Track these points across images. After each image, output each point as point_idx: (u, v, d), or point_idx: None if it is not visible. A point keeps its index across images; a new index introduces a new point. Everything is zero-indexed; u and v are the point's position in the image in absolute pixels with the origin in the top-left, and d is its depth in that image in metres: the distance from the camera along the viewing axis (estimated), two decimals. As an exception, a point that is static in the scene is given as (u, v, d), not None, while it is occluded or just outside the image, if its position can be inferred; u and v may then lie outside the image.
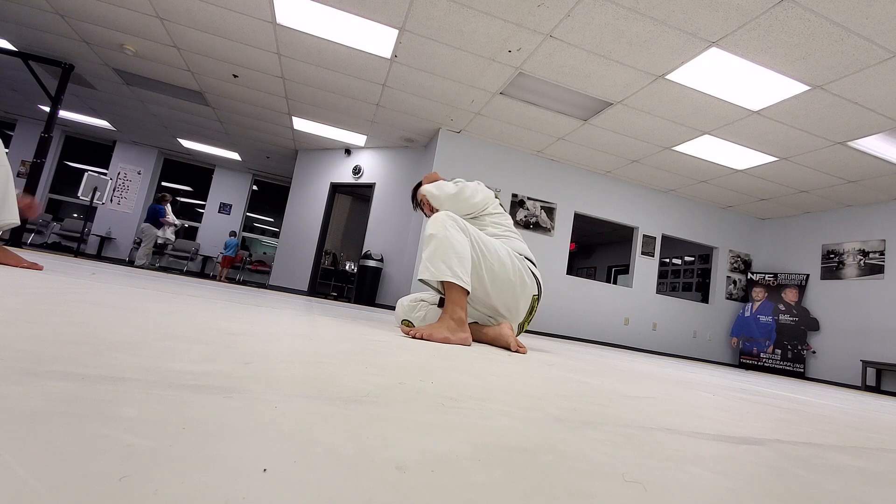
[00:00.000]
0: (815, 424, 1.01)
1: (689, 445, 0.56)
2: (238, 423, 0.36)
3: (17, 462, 0.23)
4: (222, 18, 4.35)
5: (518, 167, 6.35)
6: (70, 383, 0.39)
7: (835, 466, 0.58)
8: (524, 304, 1.92)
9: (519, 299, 1.89)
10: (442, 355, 1.16)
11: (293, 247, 7.74)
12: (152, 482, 0.24)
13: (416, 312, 1.99)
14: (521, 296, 1.89)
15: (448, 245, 1.69)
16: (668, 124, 4.93)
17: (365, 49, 4.47)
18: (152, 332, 0.76)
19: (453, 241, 1.70)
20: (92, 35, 5.13)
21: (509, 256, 1.87)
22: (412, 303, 2.04)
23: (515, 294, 1.88)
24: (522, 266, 1.89)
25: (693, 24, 3.34)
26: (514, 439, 0.45)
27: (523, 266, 1.89)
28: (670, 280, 10.26)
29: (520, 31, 3.79)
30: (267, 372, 0.58)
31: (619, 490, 0.35)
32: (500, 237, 1.99)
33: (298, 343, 0.94)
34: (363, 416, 0.45)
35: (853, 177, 5.42)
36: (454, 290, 1.68)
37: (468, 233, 1.78)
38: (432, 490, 0.29)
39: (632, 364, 2.37)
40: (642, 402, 0.90)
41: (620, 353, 3.84)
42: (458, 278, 1.66)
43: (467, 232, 1.78)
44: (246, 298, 2.52)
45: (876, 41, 3.22)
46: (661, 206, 6.99)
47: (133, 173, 10.07)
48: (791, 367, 6.41)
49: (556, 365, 1.48)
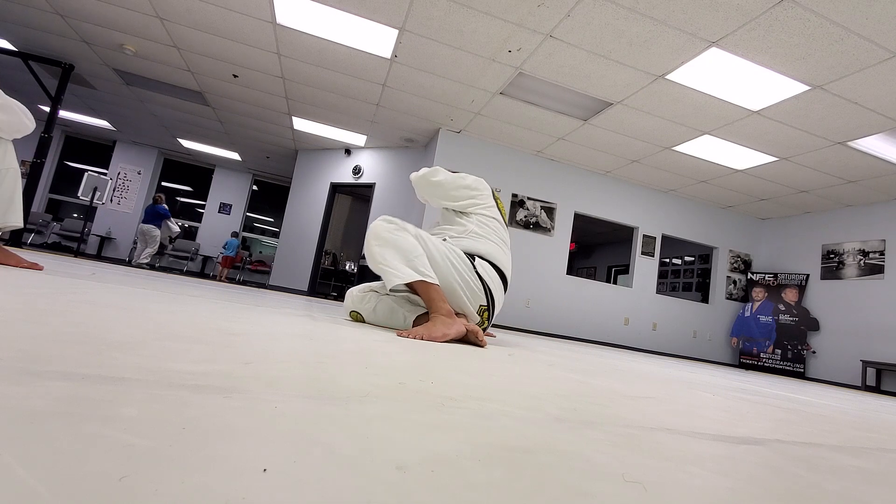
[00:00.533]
0: (815, 424, 1.01)
1: (689, 445, 0.56)
2: (238, 423, 0.36)
3: (17, 462, 0.23)
4: (222, 18, 4.35)
5: (518, 167, 6.35)
6: (70, 383, 0.39)
7: (835, 466, 0.58)
8: (470, 311, 1.86)
9: (465, 305, 1.84)
10: (442, 355, 1.16)
11: (293, 247, 7.75)
12: (152, 482, 0.24)
13: (366, 304, 1.92)
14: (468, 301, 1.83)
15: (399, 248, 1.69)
16: (668, 124, 4.93)
17: (365, 49, 4.47)
18: (152, 332, 0.76)
19: (400, 243, 1.70)
20: (92, 35, 5.13)
21: (455, 257, 1.83)
22: (361, 293, 1.97)
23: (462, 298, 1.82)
24: (468, 271, 1.83)
25: (693, 24, 3.34)
26: (514, 439, 0.45)
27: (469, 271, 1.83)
28: (670, 280, 10.26)
29: (520, 31, 3.79)
30: (267, 372, 0.58)
31: (619, 490, 0.35)
32: (480, 237, 1.95)
33: (298, 343, 0.94)
34: (363, 416, 0.45)
35: (853, 177, 5.42)
36: (427, 287, 1.67)
37: (410, 231, 1.76)
38: (432, 490, 0.29)
39: (632, 364, 2.37)
40: (642, 402, 0.90)
41: (620, 353, 3.84)
42: (422, 275, 1.65)
43: (408, 230, 1.76)
44: (246, 298, 2.52)
45: (876, 41, 3.22)
46: (661, 206, 6.99)
47: (133, 173, 10.07)
48: (791, 367, 6.42)
49: (556, 365, 1.48)
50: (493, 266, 1.91)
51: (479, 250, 1.91)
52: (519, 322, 6.13)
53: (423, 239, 1.77)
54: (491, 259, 1.91)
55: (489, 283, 1.87)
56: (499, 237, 2.02)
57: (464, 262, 1.83)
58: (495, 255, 1.94)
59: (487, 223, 2.02)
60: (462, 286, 1.81)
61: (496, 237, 2.00)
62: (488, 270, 1.88)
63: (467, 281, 1.82)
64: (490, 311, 1.91)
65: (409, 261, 1.67)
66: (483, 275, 1.85)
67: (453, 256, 1.82)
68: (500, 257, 1.96)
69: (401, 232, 1.73)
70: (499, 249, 1.97)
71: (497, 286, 1.91)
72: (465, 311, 1.86)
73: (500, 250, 1.98)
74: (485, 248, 1.92)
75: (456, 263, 1.81)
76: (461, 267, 1.81)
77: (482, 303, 1.87)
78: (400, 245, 1.69)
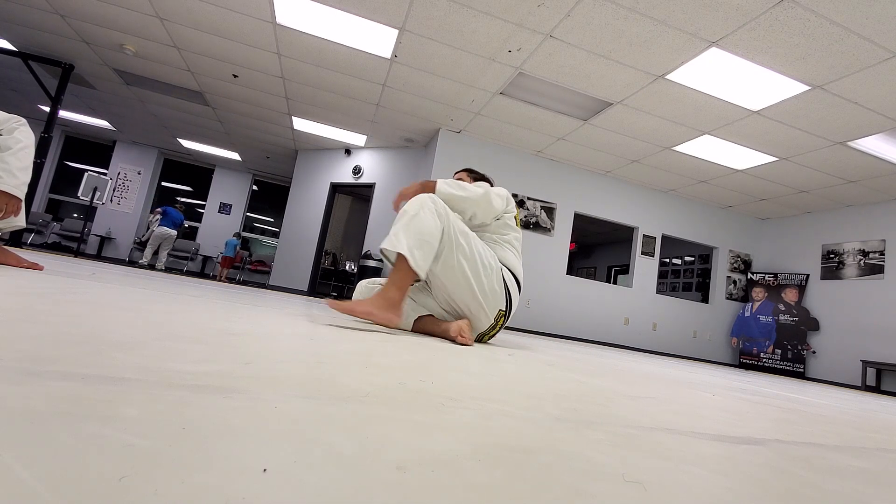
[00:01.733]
0: (815, 424, 1.01)
1: (689, 445, 0.56)
2: (238, 423, 0.36)
3: (17, 462, 0.23)
4: (222, 18, 4.35)
5: (518, 167, 6.35)
6: (70, 383, 0.39)
7: (835, 466, 0.58)
8: (487, 314, 1.81)
9: (482, 306, 1.78)
10: (442, 355, 1.16)
11: (293, 247, 7.75)
12: (152, 482, 0.24)
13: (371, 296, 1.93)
14: (485, 303, 1.78)
15: (416, 224, 1.61)
16: (668, 124, 4.93)
17: (365, 49, 4.47)
18: (152, 332, 0.76)
19: (423, 221, 1.62)
20: (92, 35, 5.13)
21: (490, 257, 1.80)
22: (369, 285, 1.95)
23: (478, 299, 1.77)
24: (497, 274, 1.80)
25: (693, 24, 3.34)
26: (514, 439, 0.45)
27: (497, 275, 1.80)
28: (670, 280, 10.26)
29: (520, 31, 3.79)
30: (267, 372, 0.58)
31: (619, 490, 0.35)
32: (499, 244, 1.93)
33: (298, 343, 0.94)
34: (363, 416, 0.45)
35: (853, 177, 5.42)
36: (400, 270, 1.60)
37: (444, 219, 1.69)
38: (432, 490, 0.29)
39: (632, 364, 2.37)
40: (642, 402, 0.90)
41: (620, 353, 3.84)
42: (412, 255, 1.56)
43: (443, 219, 1.68)
44: (246, 298, 2.52)
45: (876, 41, 3.22)
46: (661, 206, 6.99)
47: (133, 173, 10.08)
48: (791, 367, 6.42)
49: (555, 365, 1.48)
50: (512, 274, 1.90)
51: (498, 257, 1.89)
52: (519, 322, 6.13)
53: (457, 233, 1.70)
54: (509, 266, 1.90)
55: (510, 287, 1.86)
56: (513, 247, 1.99)
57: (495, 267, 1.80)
58: (512, 262, 1.93)
59: (507, 232, 1.98)
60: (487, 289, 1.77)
61: (511, 247, 1.98)
62: (508, 276, 1.87)
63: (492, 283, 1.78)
64: (507, 318, 1.89)
65: (417, 243, 1.59)
66: (507, 281, 1.84)
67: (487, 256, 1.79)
68: (516, 265, 1.95)
69: (434, 219, 1.65)
70: (514, 258, 1.95)
71: (515, 292, 1.90)
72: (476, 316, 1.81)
73: (515, 258, 1.96)
74: (502, 255, 1.91)
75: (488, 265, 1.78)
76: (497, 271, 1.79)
77: (501, 307, 1.83)
78: (423, 227, 1.62)
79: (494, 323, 1.85)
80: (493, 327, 1.87)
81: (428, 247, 1.62)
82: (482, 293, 1.76)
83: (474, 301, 1.77)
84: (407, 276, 1.60)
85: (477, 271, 1.75)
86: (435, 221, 1.65)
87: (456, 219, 1.75)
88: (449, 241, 1.69)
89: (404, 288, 1.61)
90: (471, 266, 1.73)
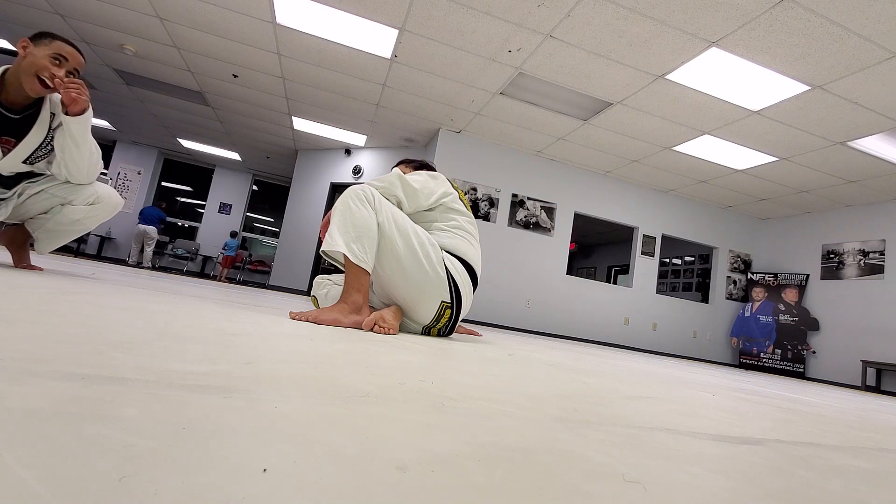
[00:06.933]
0: (815, 424, 1.01)
1: (689, 445, 0.56)
2: (238, 423, 0.36)
3: (17, 462, 0.23)
4: (222, 18, 4.35)
5: (518, 167, 6.35)
6: (70, 383, 0.39)
7: (835, 466, 0.58)
8: (426, 305, 1.68)
9: (418, 297, 1.66)
10: (442, 355, 1.16)
11: (293, 247, 7.75)
12: (152, 482, 0.24)
13: (321, 290, 1.88)
14: (420, 293, 1.66)
15: (349, 218, 1.57)
16: (668, 124, 4.93)
17: (365, 49, 4.47)
18: (152, 332, 0.76)
19: (355, 214, 1.57)
20: (92, 35, 5.13)
21: (430, 245, 1.67)
22: (320, 280, 1.94)
23: (414, 289, 1.65)
24: (438, 262, 1.67)
25: (693, 24, 3.34)
26: (514, 439, 0.45)
27: (439, 263, 1.67)
28: (670, 280, 10.26)
29: (520, 31, 3.79)
30: (267, 372, 0.58)
31: (619, 490, 0.35)
32: (445, 231, 1.81)
33: (298, 343, 0.94)
34: (363, 416, 0.45)
35: (853, 177, 5.42)
36: (350, 270, 1.55)
37: (375, 205, 1.61)
38: (432, 490, 0.29)
39: (632, 364, 2.37)
40: (642, 402, 0.90)
41: (620, 353, 3.84)
42: (351, 251, 1.52)
43: (374, 204, 1.61)
44: (246, 298, 2.52)
45: (876, 41, 3.22)
46: (661, 206, 6.99)
47: (133, 173, 10.07)
48: (791, 367, 6.42)
49: (556, 365, 1.48)
50: (461, 262, 1.77)
51: (445, 245, 1.76)
52: (519, 322, 6.13)
53: (390, 220, 1.62)
54: (459, 254, 1.77)
55: (456, 278, 1.72)
56: (466, 231, 1.86)
57: (435, 253, 1.69)
58: (463, 249, 1.80)
59: (453, 217, 1.86)
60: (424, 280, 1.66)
61: (464, 232, 1.86)
62: (456, 266, 1.74)
63: (430, 276, 1.66)
64: (454, 310, 1.74)
65: (354, 238, 1.55)
66: (452, 271, 1.71)
67: (425, 242, 1.68)
68: (468, 252, 1.81)
69: (365, 208, 1.59)
70: (466, 244, 1.83)
71: (465, 282, 1.76)
72: (413, 307, 1.70)
73: (468, 245, 1.83)
74: (451, 243, 1.78)
75: (428, 251, 1.67)
76: (433, 257, 1.67)
77: (444, 298, 1.69)
78: (357, 221, 1.57)
79: (439, 314, 1.72)
80: (437, 319, 1.73)
81: (367, 239, 1.57)
82: (415, 282, 1.65)
83: (410, 291, 1.66)
84: (359, 275, 1.56)
85: (413, 258, 1.64)
86: (367, 211, 1.60)
87: (389, 205, 1.67)
88: (382, 228, 1.62)
89: (362, 288, 1.57)
90: (406, 253, 1.63)
